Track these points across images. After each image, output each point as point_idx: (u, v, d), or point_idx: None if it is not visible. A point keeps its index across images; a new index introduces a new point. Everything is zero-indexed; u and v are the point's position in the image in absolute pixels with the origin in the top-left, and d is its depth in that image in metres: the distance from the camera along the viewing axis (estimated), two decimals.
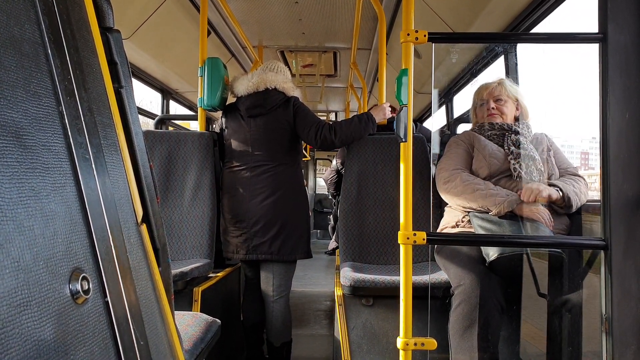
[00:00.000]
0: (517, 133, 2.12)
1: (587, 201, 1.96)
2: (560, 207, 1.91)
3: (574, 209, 1.91)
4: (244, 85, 2.63)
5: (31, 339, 0.51)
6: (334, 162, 3.89)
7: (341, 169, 3.21)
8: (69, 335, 0.58)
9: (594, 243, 1.45)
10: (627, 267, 1.32)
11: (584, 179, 2.06)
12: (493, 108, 2.21)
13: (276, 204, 2.55)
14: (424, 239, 1.50)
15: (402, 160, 1.53)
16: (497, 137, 2.16)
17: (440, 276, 2.11)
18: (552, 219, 1.86)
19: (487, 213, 1.94)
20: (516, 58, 2.77)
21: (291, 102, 2.61)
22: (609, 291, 1.33)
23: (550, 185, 1.94)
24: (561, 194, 1.88)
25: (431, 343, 1.53)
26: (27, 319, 0.51)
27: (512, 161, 2.04)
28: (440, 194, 2.20)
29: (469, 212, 2.05)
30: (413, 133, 1.57)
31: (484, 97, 2.25)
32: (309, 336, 3.67)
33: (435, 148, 2.62)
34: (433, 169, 2.39)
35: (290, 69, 5.56)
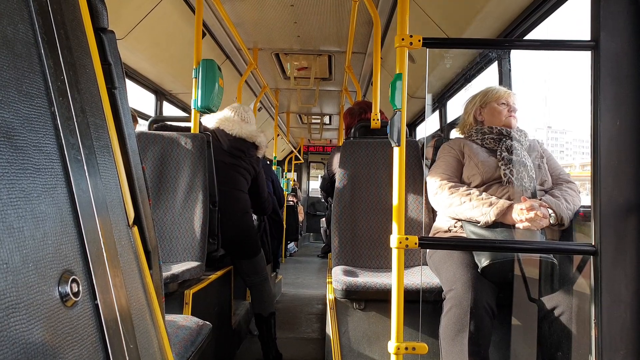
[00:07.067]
0: (513, 139, 2.13)
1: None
2: (554, 227, 1.92)
3: (567, 225, 1.92)
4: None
5: (19, 342, 0.51)
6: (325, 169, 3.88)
7: (332, 175, 3.21)
8: (58, 339, 0.57)
9: (584, 249, 1.46)
10: (617, 273, 1.32)
11: (576, 185, 2.07)
12: (515, 111, 2.21)
13: None
14: (416, 243, 1.50)
15: (395, 165, 1.54)
16: (493, 142, 2.15)
17: (432, 280, 2.11)
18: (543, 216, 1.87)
19: (477, 224, 1.95)
20: (509, 64, 2.79)
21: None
22: (599, 296, 1.34)
23: (542, 198, 1.95)
24: (554, 215, 1.88)
25: (422, 347, 1.53)
26: (15, 321, 0.51)
27: (503, 167, 2.04)
28: (432, 205, 2.20)
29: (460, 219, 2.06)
30: (406, 138, 1.57)
31: (507, 99, 2.22)
32: (300, 339, 3.66)
33: (427, 152, 2.63)
34: (426, 171, 2.40)
35: (285, 72, 5.57)
